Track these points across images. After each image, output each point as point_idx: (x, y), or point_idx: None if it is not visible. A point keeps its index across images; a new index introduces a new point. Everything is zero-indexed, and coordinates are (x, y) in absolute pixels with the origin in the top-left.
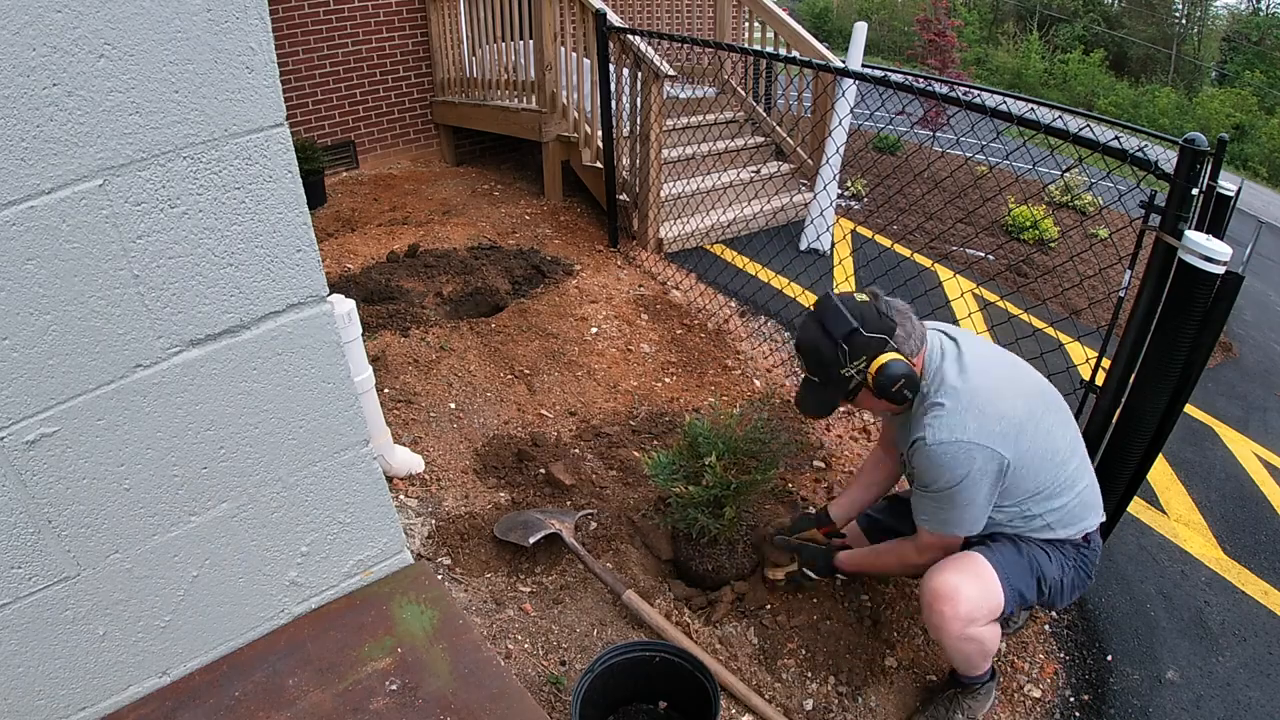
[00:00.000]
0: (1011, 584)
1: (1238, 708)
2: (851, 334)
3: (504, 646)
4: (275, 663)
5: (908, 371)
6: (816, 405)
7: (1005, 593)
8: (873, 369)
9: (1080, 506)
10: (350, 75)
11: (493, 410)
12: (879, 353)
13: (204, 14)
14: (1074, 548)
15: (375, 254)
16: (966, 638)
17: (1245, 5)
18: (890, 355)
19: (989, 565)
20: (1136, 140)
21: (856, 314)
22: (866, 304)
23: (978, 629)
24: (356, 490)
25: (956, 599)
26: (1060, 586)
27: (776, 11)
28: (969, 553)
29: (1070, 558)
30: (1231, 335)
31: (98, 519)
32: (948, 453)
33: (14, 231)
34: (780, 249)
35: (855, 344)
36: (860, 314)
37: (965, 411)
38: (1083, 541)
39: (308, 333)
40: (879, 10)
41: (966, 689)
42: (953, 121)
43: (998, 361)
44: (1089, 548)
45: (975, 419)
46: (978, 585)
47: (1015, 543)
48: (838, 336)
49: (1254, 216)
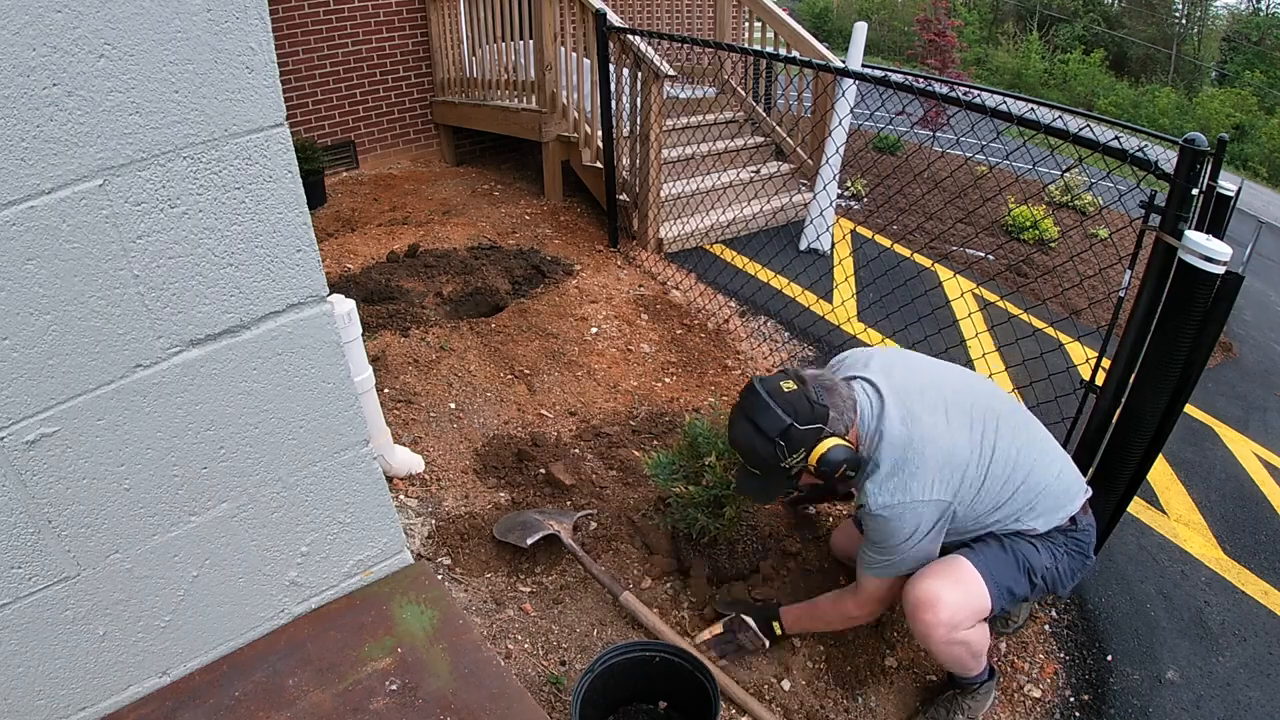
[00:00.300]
0: (998, 582)
1: (1238, 708)
2: (786, 430)
3: (504, 646)
4: (275, 663)
5: (848, 455)
6: (760, 493)
7: (991, 592)
8: (813, 459)
9: (1055, 494)
10: (350, 75)
11: (493, 410)
12: (816, 443)
13: (204, 14)
14: (1061, 533)
15: (375, 254)
16: (952, 642)
17: (1245, 5)
18: (829, 442)
19: (971, 567)
20: (1136, 140)
21: (789, 408)
22: (795, 392)
23: (963, 633)
24: (356, 490)
25: (938, 606)
26: (1056, 574)
27: (776, 11)
28: (951, 556)
29: (1059, 544)
30: (1231, 335)
31: (98, 519)
32: (893, 513)
33: (14, 231)
34: (780, 249)
35: (792, 439)
36: (793, 407)
37: (903, 469)
38: (1069, 524)
39: (308, 333)
40: (879, 10)
41: (965, 689)
42: (953, 121)
43: (927, 392)
44: (1077, 529)
45: (914, 476)
46: (959, 590)
47: (999, 540)
48: (773, 435)
49: (1254, 216)
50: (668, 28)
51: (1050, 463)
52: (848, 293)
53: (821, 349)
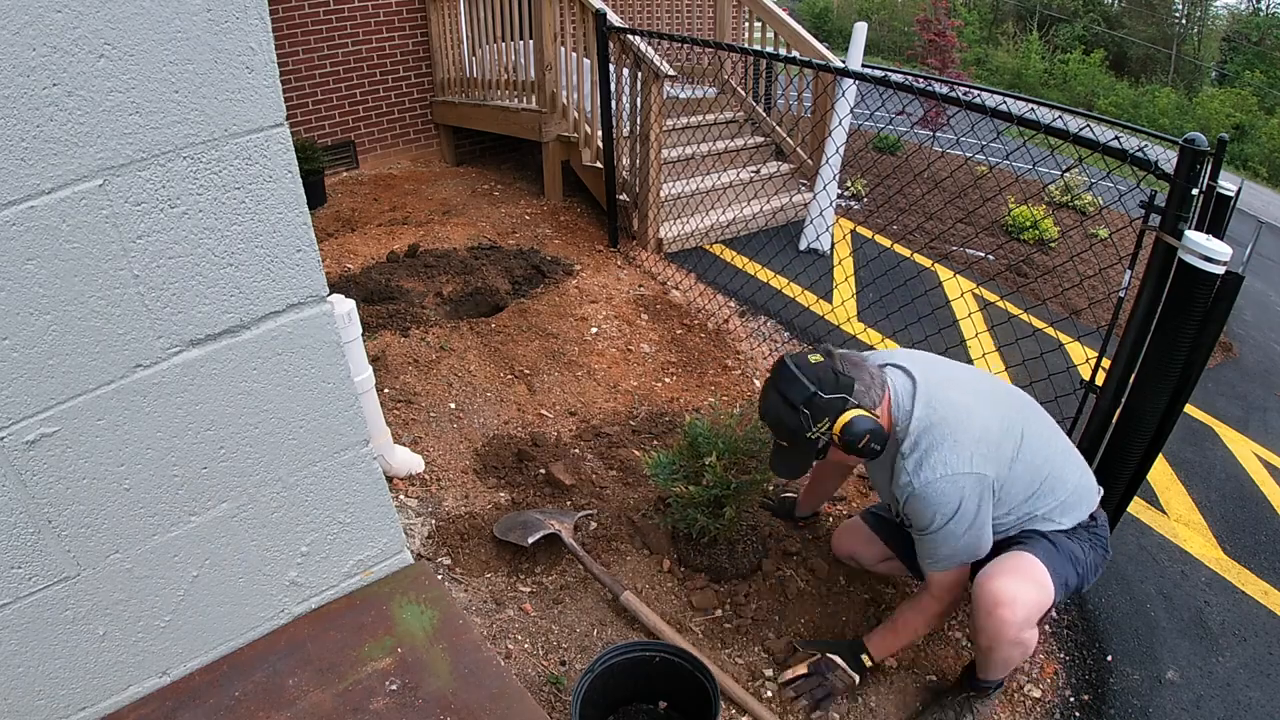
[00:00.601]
0: (1058, 573)
1: (1238, 708)
2: (811, 399)
3: (504, 646)
4: (275, 663)
5: (872, 426)
6: (789, 469)
7: (1055, 584)
8: (837, 429)
9: (1080, 489)
10: (350, 75)
11: (493, 410)
12: (841, 413)
13: (204, 14)
14: (1084, 529)
15: (375, 254)
16: (1018, 641)
17: (1245, 5)
18: (852, 413)
19: (1035, 560)
20: (1136, 140)
21: (813, 378)
22: (822, 364)
23: (1029, 632)
24: (356, 490)
25: (1016, 604)
26: (1088, 566)
27: (776, 11)
28: (1016, 553)
29: (1085, 539)
30: (1231, 335)
31: (98, 519)
32: (935, 489)
33: (14, 231)
34: (780, 249)
35: (816, 407)
36: (817, 377)
37: (942, 445)
38: (1089, 520)
39: (308, 333)
40: (879, 10)
41: (981, 692)
42: (953, 121)
43: (957, 380)
44: (1096, 524)
45: (952, 450)
46: (1033, 587)
47: (1043, 538)
48: (797, 403)
49: (1254, 216)
50: (668, 28)
51: (1073, 457)
52: (848, 293)
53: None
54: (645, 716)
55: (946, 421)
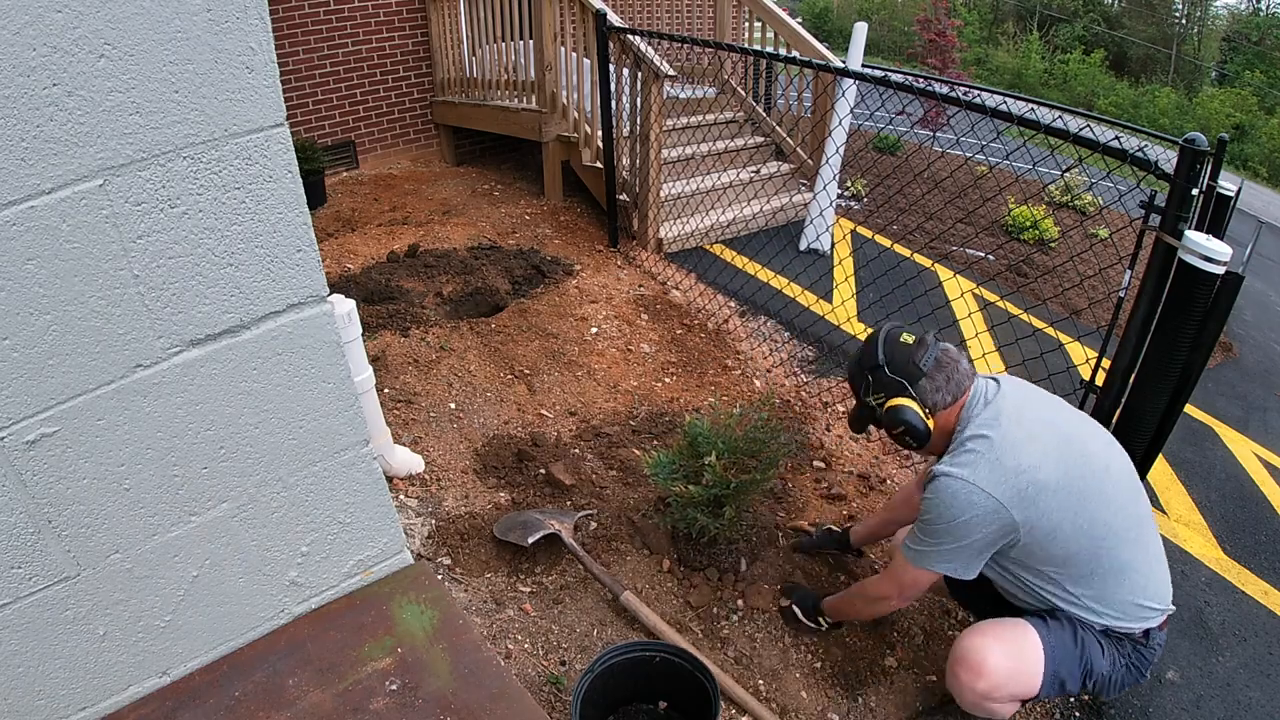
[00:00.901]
0: (1055, 669)
1: (1238, 708)
2: (876, 369)
3: (504, 646)
4: (275, 663)
5: (915, 421)
6: (854, 421)
7: (1044, 677)
8: (885, 406)
9: (1137, 588)
10: (350, 75)
11: (493, 410)
12: (896, 395)
13: (204, 14)
14: (1132, 644)
15: (375, 254)
16: (978, 706)
17: (1245, 5)
18: (904, 401)
19: (1037, 641)
20: (1136, 140)
21: (889, 352)
22: (905, 346)
23: (993, 704)
24: (356, 490)
25: (981, 672)
26: (1107, 681)
27: (776, 11)
28: (1021, 621)
29: (1125, 654)
30: (1231, 335)
31: (98, 519)
32: (949, 488)
33: (14, 231)
34: (780, 249)
35: (878, 379)
36: (891, 354)
37: (982, 457)
38: (1142, 638)
39: (308, 333)
40: (879, 10)
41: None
42: (953, 121)
43: (1045, 420)
44: (1148, 646)
45: (989, 466)
46: (1012, 663)
47: (1074, 626)
48: (866, 367)
49: (1254, 216)
50: (668, 28)
51: (1154, 562)
52: (848, 293)
53: (821, 349)
54: (645, 716)
55: (1000, 441)
